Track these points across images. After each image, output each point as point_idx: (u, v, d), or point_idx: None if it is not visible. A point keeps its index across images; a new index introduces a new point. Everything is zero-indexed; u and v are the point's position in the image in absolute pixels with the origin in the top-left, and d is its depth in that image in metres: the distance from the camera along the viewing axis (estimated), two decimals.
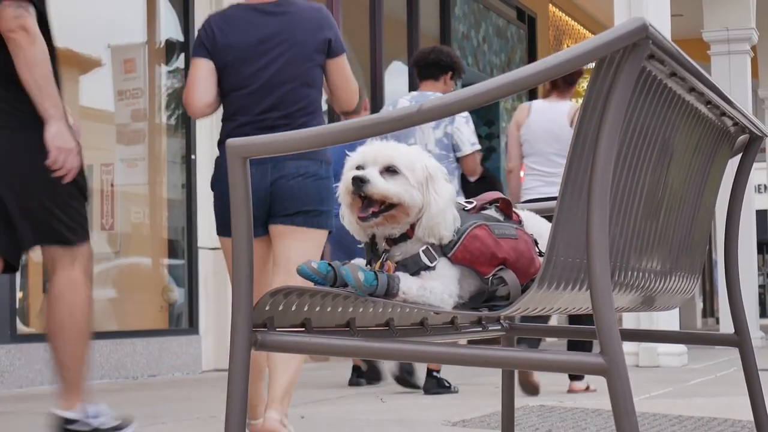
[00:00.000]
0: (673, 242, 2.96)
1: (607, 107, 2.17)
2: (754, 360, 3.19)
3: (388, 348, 2.36)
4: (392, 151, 2.45)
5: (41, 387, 7.94)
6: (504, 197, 2.62)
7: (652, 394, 6.91)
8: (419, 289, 2.37)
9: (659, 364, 9.99)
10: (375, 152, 2.45)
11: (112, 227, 9.61)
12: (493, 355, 2.27)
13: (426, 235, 2.43)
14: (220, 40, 4.66)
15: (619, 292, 2.64)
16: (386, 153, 2.44)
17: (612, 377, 2.11)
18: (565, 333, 4.24)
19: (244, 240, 2.33)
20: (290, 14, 4.70)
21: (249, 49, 4.64)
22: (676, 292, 3.10)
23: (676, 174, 2.82)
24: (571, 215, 2.27)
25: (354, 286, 2.34)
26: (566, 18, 18.70)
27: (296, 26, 4.67)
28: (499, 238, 2.45)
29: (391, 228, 2.44)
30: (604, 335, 2.13)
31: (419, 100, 6.81)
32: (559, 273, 2.30)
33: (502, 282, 2.43)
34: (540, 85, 2.32)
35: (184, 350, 9.63)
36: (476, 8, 15.76)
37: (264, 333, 2.36)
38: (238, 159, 2.34)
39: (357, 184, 2.40)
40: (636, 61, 2.16)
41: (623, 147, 2.40)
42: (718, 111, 2.88)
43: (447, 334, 3.06)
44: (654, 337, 3.66)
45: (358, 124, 2.28)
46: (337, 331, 2.65)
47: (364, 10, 12.94)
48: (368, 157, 2.45)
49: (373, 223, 2.42)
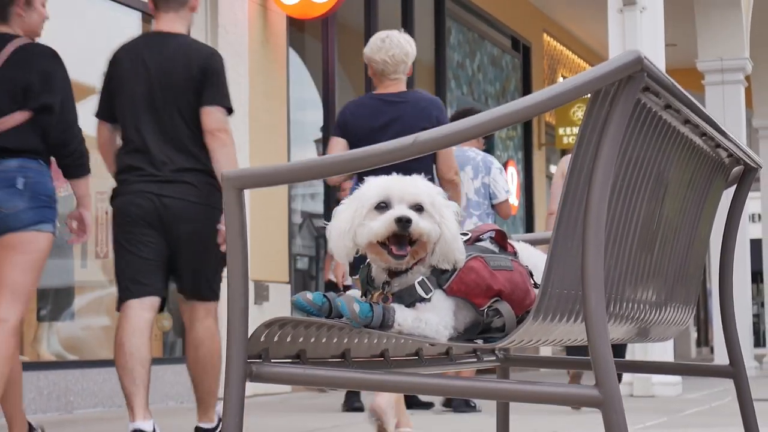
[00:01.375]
0: (667, 273, 2.96)
1: (602, 139, 2.17)
2: (749, 391, 3.19)
3: (383, 379, 2.36)
4: (416, 188, 2.48)
5: (34, 416, 7.90)
6: (499, 229, 2.62)
7: (646, 425, 6.90)
8: (414, 321, 2.37)
9: (654, 394, 9.97)
10: (401, 190, 2.47)
11: (106, 255, 9.58)
12: (488, 387, 2.27)
13: (440, 262, 2.45)
14: (350, 122, 5.85)
15: (614, 324, 2.64)
16: (412, 191, 2.47)
17: (608, 409, 2.11)
18: (560, 364, 4.24)
19: (239, 271, 2.33)
20: (408, 102, 5.83)
21: (372, 130, 5.73)
22: (671, 324, 3.10)
23: (671, 206, 2.82)
24: (567, 247, 2.28)
25: (349, 317, 2.34)
26: (561, 47, 18.75)
27: (411, 111, 5.76)
28: (495, 269, 2.45)
29: (411, 262, 2.45)
30: (599, 367, 2.13)
31: (458, 154, 7.74)
32: (555, 304, 2.30)
33: (497, 314, 2.43)
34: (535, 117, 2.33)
35: (177, 379, 9.59)
36: (471, 37, 15.81)
37: (259, 364, 2.35)
38: (233, 190, 2.34)
39: (403, 225, 2.40)
40: (631, 93, 2.17)
41: (618, 179, 2.40)
42: (712, 143, 2.89)
43: (442, 364, 3.06)
44: (649, 369, 3.66)
45: (355, 155, 2.28)
46: (332, 362, 2.64)
47: (359, 38, 12.97)
48: (394, 194, 2.46)
49: (405, 261, 2.43)
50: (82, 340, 9.30)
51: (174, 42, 5.50)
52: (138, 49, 5.54)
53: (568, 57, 19.13)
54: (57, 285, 9.12)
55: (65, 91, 5.06)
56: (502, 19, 16.46)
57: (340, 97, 12.27)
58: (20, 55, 4.98)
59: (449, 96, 14.69)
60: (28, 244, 4.89)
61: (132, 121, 5.48)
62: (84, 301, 9.50)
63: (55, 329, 9.01)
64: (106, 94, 5.60)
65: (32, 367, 8.24)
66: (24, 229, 4.89)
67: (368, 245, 2.45)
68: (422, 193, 2.47)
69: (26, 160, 4.93)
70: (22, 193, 4.88)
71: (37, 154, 4.98)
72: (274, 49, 10.94)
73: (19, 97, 4.97)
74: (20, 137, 4.93)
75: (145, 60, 5.46)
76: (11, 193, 4.87)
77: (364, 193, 2.49)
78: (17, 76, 4.95)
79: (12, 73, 4.95)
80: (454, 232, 2.46)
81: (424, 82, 13.75)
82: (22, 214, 4.88)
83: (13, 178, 4.89)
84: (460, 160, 7.82)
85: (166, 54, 5.45)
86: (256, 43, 10.67)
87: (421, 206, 2.45)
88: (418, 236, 2.42)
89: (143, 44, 5.59)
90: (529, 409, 7.45)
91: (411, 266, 2.45)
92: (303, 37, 12.58)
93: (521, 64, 17.46)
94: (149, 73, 5.44)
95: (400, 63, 5.92)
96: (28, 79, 4.95)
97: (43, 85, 4.97)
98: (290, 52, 11.41)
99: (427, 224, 2.43)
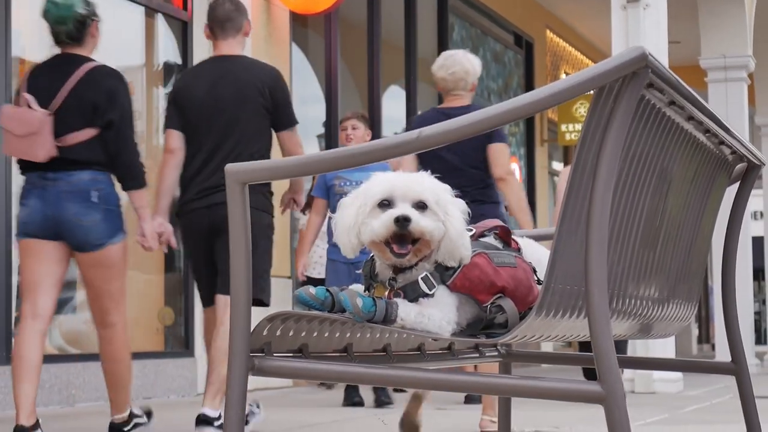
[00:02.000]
0: (670, 270, 2.96)
1: (606, 136, 2.17)
2: (750, 388, 3.18)
3: (385, 374, 2.36)
4: (420, 186, 2.46)
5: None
6: (503, 225, 2.62)
7: (647, 421, 6.90)
8: (417, 316, 2.37)
9: (655, 391, 9.97)
10: (404, 187, 2.45)
11: None
12: (491, 382, 2.27)
13: (446, 259, 2.44)
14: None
15: (616, 320, 2.64)
16: (416, 189, 2.45)
17: (610, 405, 2.11)
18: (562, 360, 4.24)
19: (242, 266, 2.33)
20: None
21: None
22: (673, 320, 3.10)
23: (674, 202, 2.82)
24: (570, 243, 2.27)
25: (352, 312, 2.34)
26: (563, 44, 18.75)
27: None
28: (498, 266, 2.45)
29: (415, 260, 2.44)
30: (602, 363, 2.13)
31: None
32: (558, 300, 2.30)
33: (500, 310, 2.42)
34: (538, 113, 2.34)
35: (179, 373, 9.61)
36: (474, 33, 15.80)
37: (261, 358, 2.35)
38: (236, 185, 2.34)
39: (402, 224, 2.40)
40: (635, 89, 2.16)
41: (622, 175, 2.40)
42: (716, 139, 2.88)
43: (444, 360, 3.06)
44: (651, 365, 3.66)
45: (358, 150, 2.28)
46: (335, 357, 2.64)
47: (362, 34, 12.97)
48: (397, 192, 2.45)
49: (407, 259, 2.43)
50: (83, 333, 9.29)
51: (238, 63, 5.99)
52: (204, 71, 6.04)
53: (570, 53, 19.12)
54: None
55: (124, 108, 5.52)
56: (504, 15, 16.45)
57: (342, 92, 12.27)
58: (91, 77, 5.48)
59: None
60: (109, 259, 5.51)
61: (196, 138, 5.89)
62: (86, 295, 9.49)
63: (57, 322, 9.00)
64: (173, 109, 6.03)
65: None
66: (101, 247, 5.46)
67: (370, 243, 2.45)
68: (426, 190, 2.46)
69: (96, 172, 5.45)
70: (97, 206, 5.43)
71: (105, 167, 5.48)
72: (277, 44, 10.94)
73: (89, 115, 5.46)
74: (89, 151, 5.43)
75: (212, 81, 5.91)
76: (88, 206, 5.41)
77: (369, 190, 2.48)
78: (87, 95, 5.44)
79: (83, 92, 5.44)
80: (460, 229, 2.45)
81: (426, 78, 13.73)
82: (99, 228, 5.44)
83: (87, 192, 5.42)
84: None
85: (232, 74, 5.91)
86: (259, 38, 10.67)
87: (424, 204, 2.44)
88: (419, 235, 2.41)
89: (209, 67, 6.05)
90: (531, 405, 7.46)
91: (415, 263, 2.45)
92: (306, 33, 12.58)
93: (524, 60, 17.46)
94: (215, 93, 5.88)
95: (460, 80, 6.37)
96: (96, 99, 5.44)
97: (108, 103, 5.45)
98: (293, 47, 11.41)
99: (428, 222, 2.42)
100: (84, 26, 5.56)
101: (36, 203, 5.40)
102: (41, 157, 5.34)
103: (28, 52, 8.48)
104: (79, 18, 5.53)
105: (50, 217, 5.38)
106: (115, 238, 5.49)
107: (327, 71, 12.04)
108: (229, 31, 6.02)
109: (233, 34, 6.03)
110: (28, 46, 8.51)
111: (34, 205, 5.40)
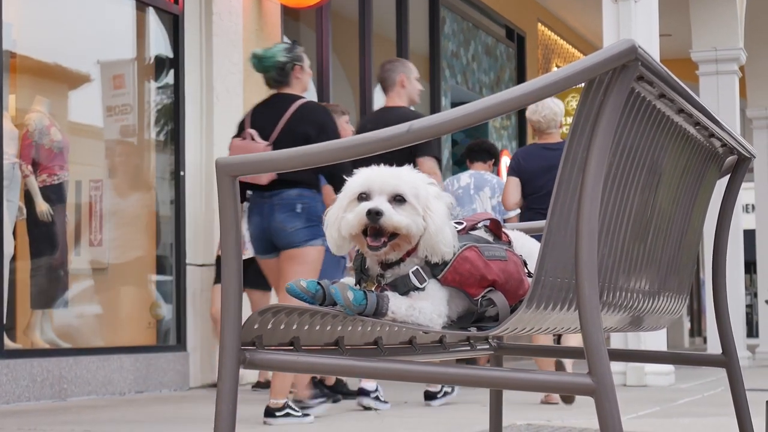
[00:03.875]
0: (661, 263, 2.96)
1: (596, 128, 2.17)
2: (741, 381, 3.19)
3: (377, 367, 2.36)
4: (397, 179, 2.44)
5: (27, 403, 7.92)
6: (494, 218, 2.62)
7: (639, 414, 6.91)
8: (408, 309, 2.37)
9: (646, 384, 9.99)
10: (381, 181, 2.43)
11: (100, 243, 9.59)
12: (481, 375, 2.27)
13: (429, 255, 2.43)
14: (523, 165, 8.10)
15: (607, 312, 2.64)
16: (392, 182, 2.43)
17: (600, 398, 2.12)
18: (552, 352, 4.24)
19: (233, 259, 2.33)
20: (560, 150, 6.41)
21: (538, 171, 7.97)
22: (664, 313, 3.10)
23: (664, 195, 2.83)
24: (560, 236, 2.28)
25: (343, 305, 2.34)
26: (555, 37, 18.74)
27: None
28: (489, 260, 2.44)
29: (395, 255, 2.44)
30: (592, 356, 2.13)
31: (477, 177, 9.45)
32: (548, 293, 2.30)
33: (491, 303, 2.42)
34: (528, 105, 2.33)
35: (171, 367, 9.61)
36: (465, 27, 15.80)
37: (252, 351, 2.35)
38: (227, 178, 2.34)
39: (372, 217, 2.38)
40: (625, 82, 2.17)
41: (612, 168, 2.40)
42: (706, 132, 2.89)
43: (435, 353, 3.06)
44: (642, 358, 3.66)
45: (349, 143, 2.28)
46: (326, 350, 2.64)
47: (354, 28, 12.96)
48: (374, 185, 2.43)
49: (382, 252, 2.42)
50: (75, 327, 9.30)
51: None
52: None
53: (562, 47, 19.12)
54: (51, 273, 9.11)
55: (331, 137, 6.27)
56: (496, 8, 16.45)
57: (334, 86, 12.26)
58: (301, 112, 6.55)
59: (443, 85, 14.68)
60: (304, 256, 6.44)
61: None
62: (78, 289, 9.49)
63: (49, 317, 9.00)
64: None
65: (26, 355, 8.24)
66: (300, 246, 6.43)
67: (350, 236, 2.45)
68: (404, 183, 2.43)
69: (303, 189, 6.49)
70: (300, 216, 6.45)
71: (311, 185, 6.53)
72: (269, 37, 10.93)
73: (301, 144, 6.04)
74: (298, 173, 6.37)
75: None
76: (292, 216, 6.45)
77: (350, 183, 2.48)
78: (299, 128, 6.48)
79: (295, 125, 6.50)
80: (440, 225, 2.42)
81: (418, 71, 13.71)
82: (300, 232, 6.43)
83: (293, 204, 6.47)
84: (480, 183, 9.36)
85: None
86: (251, 31, 10.66)
87: (402, 197, 2.43)
88: (392, 229, 2.39)
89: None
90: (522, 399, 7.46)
91: (403, 258, 2.44)
92: (297, 26, 12.57)
93: (516, 53, 17.45)
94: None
95: (551, 120, 8.10)
96: (307, 131, 6.45)
97: (318, 134, 6.40)
98: (285, 40, 11.40)
99: (402, 217, 2.39)
100: (285, 71, 6.65)
101: (256, 219, 6.52)
102: (264, 180, 6.40)
103: (18, 46, 8.47)
104: (280, 66, 6.65)
105: (265, 229, 6.49)
106: (314, 241, 6.43)
107: (318, 64, 12.03)
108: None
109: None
110: (19, 39, 8.49)
111: (255, 221, 6.53)
